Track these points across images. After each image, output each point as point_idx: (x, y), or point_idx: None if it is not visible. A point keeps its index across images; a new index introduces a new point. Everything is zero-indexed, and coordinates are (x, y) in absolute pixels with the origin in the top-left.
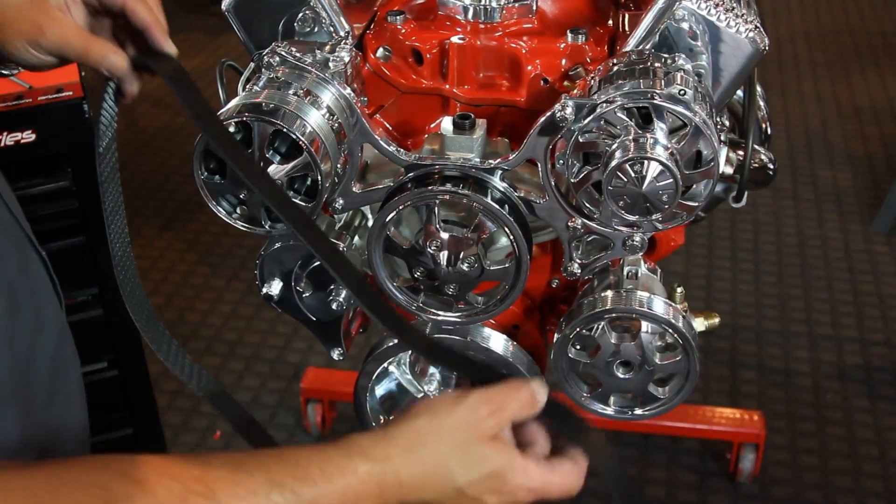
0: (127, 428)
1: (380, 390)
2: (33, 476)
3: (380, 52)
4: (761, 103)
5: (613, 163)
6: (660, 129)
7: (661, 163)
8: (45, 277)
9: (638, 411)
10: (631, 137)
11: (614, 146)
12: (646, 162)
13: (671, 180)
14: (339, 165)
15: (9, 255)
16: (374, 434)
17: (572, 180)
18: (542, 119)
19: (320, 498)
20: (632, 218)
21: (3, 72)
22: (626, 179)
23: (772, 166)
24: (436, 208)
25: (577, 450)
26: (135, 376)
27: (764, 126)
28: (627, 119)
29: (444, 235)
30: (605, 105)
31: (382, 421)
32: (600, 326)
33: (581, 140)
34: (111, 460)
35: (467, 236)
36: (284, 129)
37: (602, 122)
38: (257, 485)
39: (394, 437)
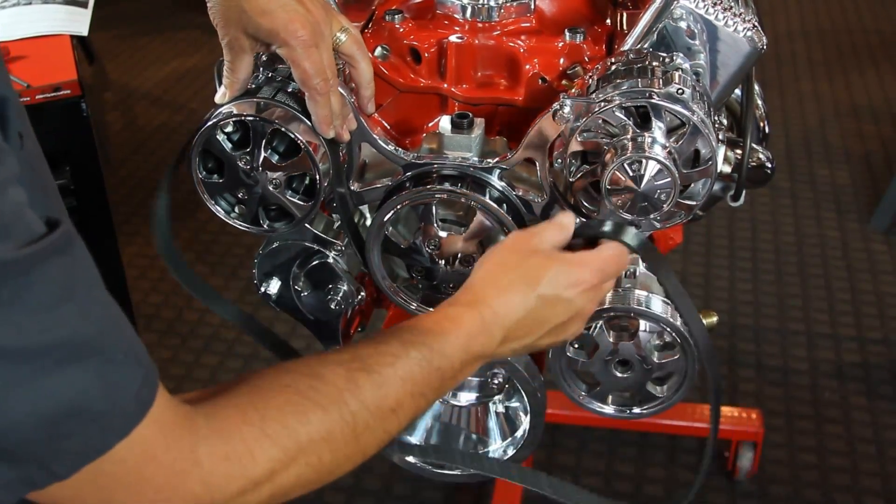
0: None
1: None
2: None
3: (378, 51)
4: (759, 102)
5: (612, 162)
6: (658, 129)
7: (659, 162)
8: None
9: (636, 410)
10: (629, 136)
11: (612, 145)
12: (644, 161)
13: (669, 179)
14: (337, 164)
15: None
16: (459, 291)
17: (570, 179)
18: (541, 118)
19: (445, 345)
20: (630, 217)
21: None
22: (624, 178)
23: (770, 165)
24: (434, 207)
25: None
26: None
27: (762, 125)
28: (625, 118)
29: (443, 235)
30: (603, 104)
31: None
32: (598, 325)
33: (579, 139)
34: (291, 366)
35: (466, 235)
36: (283, 129)
37: (600, 122)
38: (396, 349)
39: (474, 284)
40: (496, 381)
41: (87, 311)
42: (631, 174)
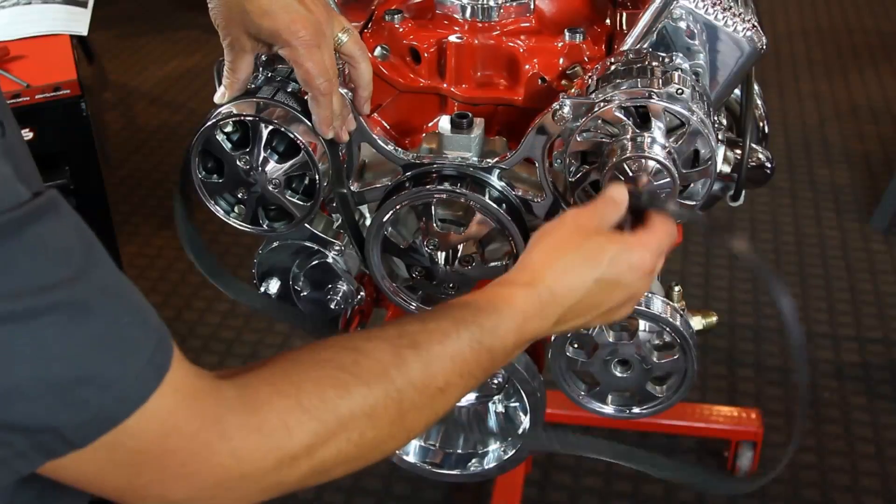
0: None
1: None
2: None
3: (377, 51)
4: (759, 102)
5: (611, 162)
6: (657, 129)
7: (658, 162)
8: None
9: (636, 410)
10: (629, 136)
11: (612, 145)
12: (643, 161)
13: (669, 179)
14: (336, 165)
15: None
16: (514, 269)
17: (570, 179)
18: (540, 118)
19: (499, 326)
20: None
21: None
22: (623, 178)
23: (769, 165)
24: (434, 207)
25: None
26: None
27: (761, 125)
28: (625, 118)
29: (442, 234)
30: (602, 104)
31: None
32: (598, 325)
33: (579, 139)
34: (331, 342)
35: (465, 235)
36: (282, 129)
37: (600, 122)
38: (446, 327)
39: (532, 263)
40: (496, 381)
41: (85, 273)
42: (630, 174)
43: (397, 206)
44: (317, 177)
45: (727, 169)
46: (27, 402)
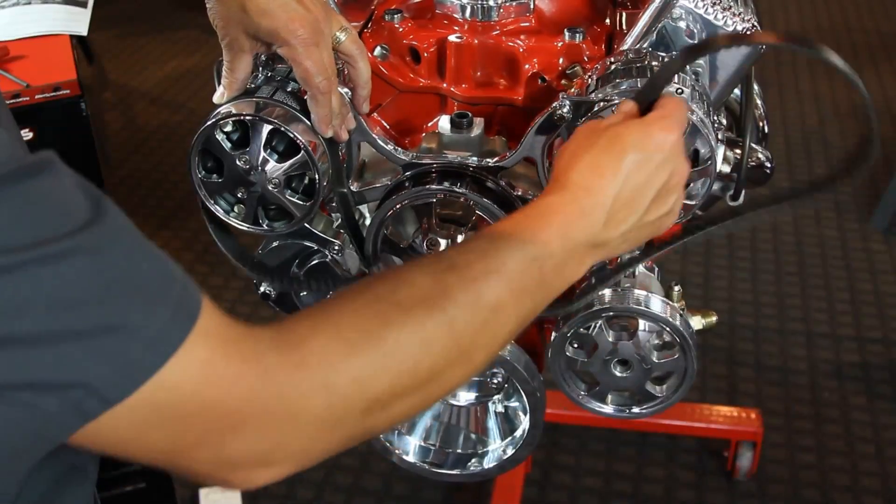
0: (139, 482)
1: None
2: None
3: (377, 50)
4: (758, 102)
5: None
6: None
7: None
8: None
9: (636, 410)
10: None
11: None
12: None
13: None
14: (336, 164)
15: None
16: (545, 187)
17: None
18: (540, 118)
19: (539, 232)
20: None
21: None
22: None
23: (769, 165)
24: (434, 207)
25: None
26: None
27: (761, 124)
28: None
29: (442, 234)
30: (602, 104)
31: None
32: (598, 325)
33: None
34: (366, 280)
35: (464, 235)
36: (282, 129)
37: None
38: (484, 245)
39: (557, 173)
40: (495, 381)
41: (98, 220)
42: None
43: (397, 206)
44: (316, 176)
45: (727, 169)
46: (53, 356)
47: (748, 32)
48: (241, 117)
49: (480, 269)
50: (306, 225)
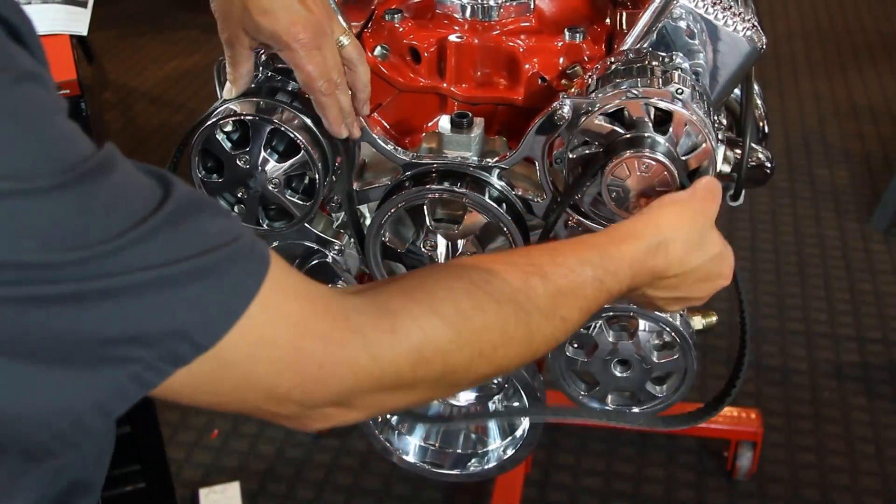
0: (139, 482)
1: None
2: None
3: (377, 50)
4: (759, 102)
5: (612, 161)
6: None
7: (658, 161)
8: None
9: (636, 410)
10: (628, 136)
11: (612, 145)
12: (644, 160)
13: (668, 179)
14: (336, 164)
15: None
16: (644, 221)
17: (570, 179)
18: (540, 118)
19: (619, 271)
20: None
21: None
22: (623, 178)
23: (769, 165)
24: (434, 207)
25: None
26: (146, 432)
27: (761, 124)
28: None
29: (442, 234)
30: (602, 104)
31: None
32: (598, 325)
33: (578, 139)
34: (460, 262)
35: (464, 235)
36: (282, 128)
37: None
38: (573, 263)
39: (661, 225)
40: (496, 381)
41: (170, 195)
42: (630, 173)
43: (397, 206)
44: (317, 176)
45: (727, 168)
46: (147, 308)
47: None
48: (242, 117)
49: (564, 286)
50: (306, 225)
